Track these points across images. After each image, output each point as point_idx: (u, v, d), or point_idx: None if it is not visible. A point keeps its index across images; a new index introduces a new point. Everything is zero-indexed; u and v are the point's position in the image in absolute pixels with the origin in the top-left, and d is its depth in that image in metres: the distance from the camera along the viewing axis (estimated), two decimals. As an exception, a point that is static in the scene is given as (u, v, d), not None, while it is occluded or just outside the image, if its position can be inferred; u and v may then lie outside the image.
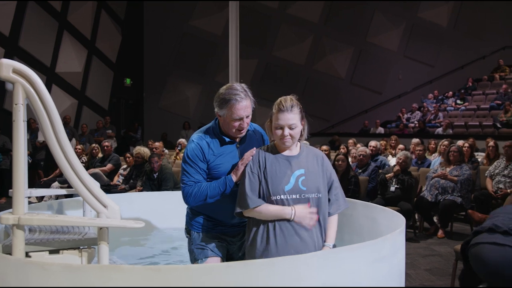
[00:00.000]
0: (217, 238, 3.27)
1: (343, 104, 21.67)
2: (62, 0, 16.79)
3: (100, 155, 10.81)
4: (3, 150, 11.35)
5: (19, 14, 15.06)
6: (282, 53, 21.58)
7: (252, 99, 3.12)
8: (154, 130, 18.73)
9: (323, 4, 21.73)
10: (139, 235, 5.51)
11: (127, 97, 20.26)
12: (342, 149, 10.69)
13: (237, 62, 13.10)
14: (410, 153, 8.95)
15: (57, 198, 8.42)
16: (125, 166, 10.09)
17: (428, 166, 9.39)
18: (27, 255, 2.83)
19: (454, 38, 22.18)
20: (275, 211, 2.91)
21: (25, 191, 2.84)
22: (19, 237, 2.76)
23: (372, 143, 9.53)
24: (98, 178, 9.32)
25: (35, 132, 12.89)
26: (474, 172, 8.48)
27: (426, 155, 10.42)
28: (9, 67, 2.72)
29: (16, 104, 2.74)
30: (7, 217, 2.73)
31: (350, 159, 9.11)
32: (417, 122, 18.25)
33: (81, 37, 17.63)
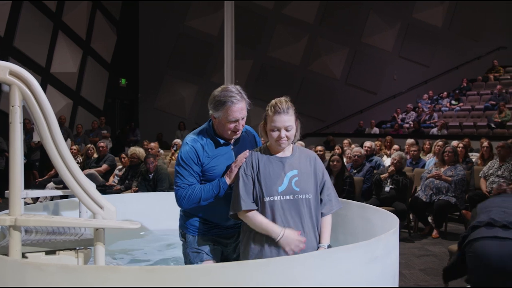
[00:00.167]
0: (212, 241, 3.25)
1: (338, 104, 21.69)
2: (57, 0, 16.77)
3: (95, 155, 10.79)
4: (-1, 151, 11.34)
5: (14, 14, 15.04)
6: (278, 54, 21.58)
7: (247, 101, 3.12)
8: (150, 130, 18.71)
9: (318, 5, 21.74)
10: (134, 236, 5.51)
11: (122, 98, 20.25)
12: (337, 150, 10.72)
13: (232, 63, 13.12)
14: (404, 154, 8.98)
15: (52, 199, 8.42)
16: (120, 167, 10.09)
17: (423, 167, 9.43)
18: (23, 256, 2.84)
19: (449, 39, 22.24)
20: (264, 224, 2.92)
21: (21, 192, 2.86)
22: (15, 238, 2.77)
23: (367, 144, 9.56)
24: (94, 179, 9.32)
25: (30, 133, 12.87)
26: (468, 173, 8.52)
27: (421, 155, 10.46)
28: (5, 69, 2.73)
29: (12, 106, 2.75)
30: (3, 218, 2.75)
31: (345, 160, 9.14)
32: (412, 123, 18.29)
33: (76, 38, 17.60)
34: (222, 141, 3.18)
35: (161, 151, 11.87)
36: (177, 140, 12.28)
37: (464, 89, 20.17)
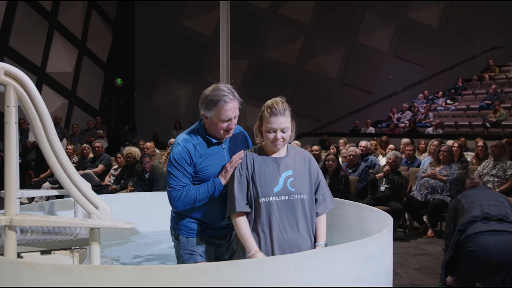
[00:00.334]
0: (206, 242, 3.21)
1: (334, 104, 21.72)
2: (52, 0, 16.74)
3: (91, 155, 10.78)
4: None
5: (9, 14, 15.01)
6: (273, 54, 21.60)
7: (239, 100, 3.10)
8: (145, 130, 18.70)
9: (314, 5, 21.76)
10: (130, 236, 5.52)
11: (118, 97, 20.23)
12: (332, 149, 10.74)
13: (228, 63, 13.13)
14: (400, 153, 9.00)
15: (47, 198, 8.41)
16: (116, 167, 10.07)
17: (418, 166, 9.45)
18: (19, 255, 2.84)
19: (444, 39, 22.29)
20: (244, 235, 2.93)
21: (16, 192, 2.86)
22: (11, 238, 2.77)
23: (362, 143, 9.57)
24: (89, 179, 9.31)
25: (25, 133, 12.84)
26: (464, 172, 8.54)
27: (416, 155, 10.49)
28: (0, 69, 2.73)
29: (8, 106, 2.75)
30: (-1, 218, 2.75)
31: (340, 159, 9.16)
32: (407, 122, 18.33)
33: (72, 37, 17.58)
34: (214, 141, 3.15)
35: (157, 150, 11.86)
36: (173, 140, 12.26)
37: (460, 89, 20.22)
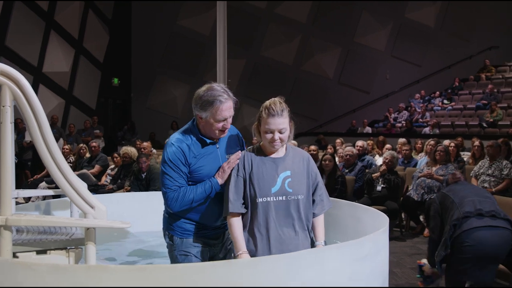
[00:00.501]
0: (200, 243, 3.19)
1: (331, 103, 21.71)
2: (49, 0, 16.71)
3: (88, 155, 10.76)
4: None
5: (5, 13, 14.96)
6: (270, 53, 21.59)
7: (234, 99, 3.09)
8: (142, 130, 18.67)
9: (311, 4, 21.76)
10: (127, 235, 5.51)
11: (115, 97, 20.20)
12: (329, 149, 10.74)
13: (225, 62, 13.12)
14: (396, 153, 9.02)
15: (44, 198, 8.40)
16: (112, 166, 10.06)
17: (415, 166, 9.46)
18: (14, 255, 2.84)
19: (441, 39, 22.31)
20: (236, 236, 2.94)
21: (12, 192, 2.86)
22: (6, 238, 2.77)
23: (359, 143, 9.58)
24: (86, 179, 9.29)
25: (22, 132, 12.81)
26: (460, 172, 8.54)
27: (413, 154, 10.50)
28: (-4, 69, 2.73)
29: (3, 106, 2.75)
30: (-6, 218, 2.75)
31: (337, 159, 9.16)
32: (404, 122, 18.34)
33: (69, 37, 17.54)
34: (208, 141, 3.13)
35: (154, 150, 11.83)
36: (170, 140, 12.20)
37: (456, 89, 20.24)
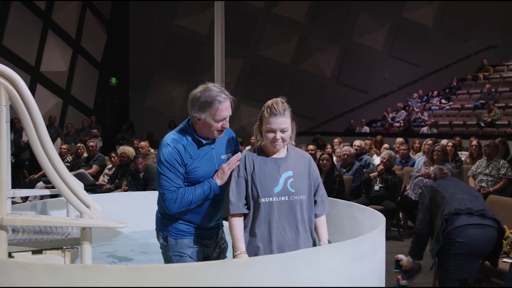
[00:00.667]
0: (195, 244, 3.16)
1: (329, 103, 21.73)
2: (46, 0, 16.70)
3: (85, 154, 10.75)
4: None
5: (2, 12, 14.94)
6: (268, 53, 21.59)
7: (231, 98, 3.08)
8: (140, 129, 18.65)
9: (309, 4, 21.77)
10: (123, 235, 5.51)
11: (113, 97, 20.18)
12: (328, 149, 10.74)
13: (222, 62, 13.12)
14: (394, 152, 9.01)
15: (41, 198, 8.38)
16: (110, 166, 10.05)
17: (413, 165, 9.46)
18: (10, 255, 2.83)
19: (439, 38, 22.32)
20: (236, 236, 2.92)
21: (8, 191, 2.85)
22: (2, 237, 2.76)
23: (357, 143, 9.57)
24: (83, 178, 9.28)
25: (19, 132, 12.79)
26: (458, 171, 8.55)
27: (411, 154, 10.50)
28: (-9, 68, 2.72)
29: (-1, 105, 2.74)
30: (-11, 218, 2.74)
31: (335, 159, 9.16)
32: (402, 122, 18.35)
33: (66, 36, 17.51)
34: (204, 142, 3.10)
35: (152, 150, 11.81)
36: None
37: (454, 88, 20.26)
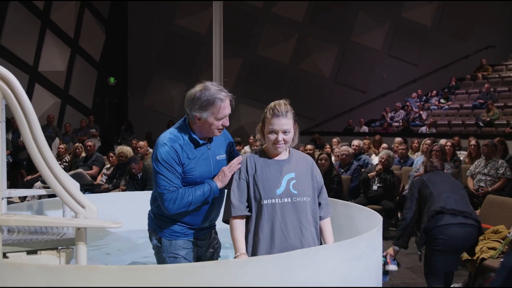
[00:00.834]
0: (189, 245, 3.14)
1: (328, 103, 21.72)
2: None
3: (83, 154, 10.73)
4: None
5: (0, 12, 14.94)
6: (267, 53, 21.58)
7: (230, 95, 3.06)
8: (139, 129, 18.64)
9: (308, 4, 21.77)
10: (120, 235, 5.49)
11: (111, 96, 20.17)
12: (327, 149, 10.73)
13: (221, 62, 13.12)
14: (393, 152, 9.00)
15: (40, 198, 8.36)
16: (108, 166, 10.03)
17: (411, 165, 9.44)
18: (4, 255, 2.82)
19: (438, 38, 22.33)
20: (236, 238, 2.91)
21: (3, 191, 2.83)
22: (-4, 238, 2.75)
23: (355, 142, 9.57)
24: (81, 178, 9.27)
25: (17, 132, 12.77)
26: (456, 171, 8.54)
27: (409, 154, 10.49)
28: (-15, 68, 2.71)
29: (-7, 105, 2.73)
30: (-16, 218, 2.72)
31: (333, 158, 9.15)
32: (401, 121, 18.35)
33: (64, 36, 17.51)
34: (201, 141, 3.06)
35: (150, 150, 11.81)
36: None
37: (453, 88, 20.25)
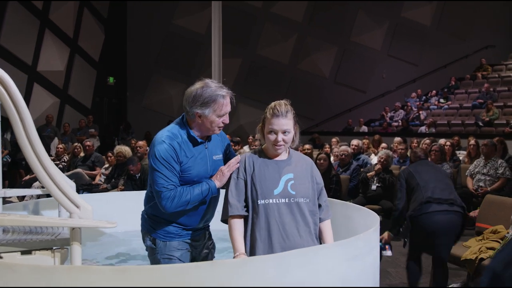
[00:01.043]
0: (184, 245, 3.12)
1: (327, 103, 21.72)
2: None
3: (82, 154, 10.72)
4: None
5: (-1, 12, 14.95)
6: (266, 52, 21.58)
7: (230, 92, 3.05)
8: (138, 129, 18.62)
9: (307, 4, 21.77)
10: (116, 235, 5.48)
11: (111, 96, 20.17)
12: (326, 148, 10.72)
13: (220, 61, 13.13)
14: (392, 152, 8.99)
15: (38, 197, 8.35)
16: (107, 165, 10.03)
17: (410, 165, 9.42)
18: (-1, 256, 2.80)
19: (437, 38, 22.33)
20: (234, 238, 2.89)
21: (-2, 191, 2.82)
22: (-10, 238, 2.73)
23: (354, 142, 9.56)
24: (80, 178, 9.27)
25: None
26: (455, 171, 8.54)
27: (409, 153, 10.46)
28: (-21, 67, 2.69)
29: (-14, 104, 2.71)
30: (-23, 218, 2.71)
31: (332, 158, 9.15)
32: (400, 121, 18.34)
33: (63, 36, 17.51)
34: (199, 140, 3.05)
35: (149, 150, 11.80)
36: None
37: (452, 88, 20.24)
